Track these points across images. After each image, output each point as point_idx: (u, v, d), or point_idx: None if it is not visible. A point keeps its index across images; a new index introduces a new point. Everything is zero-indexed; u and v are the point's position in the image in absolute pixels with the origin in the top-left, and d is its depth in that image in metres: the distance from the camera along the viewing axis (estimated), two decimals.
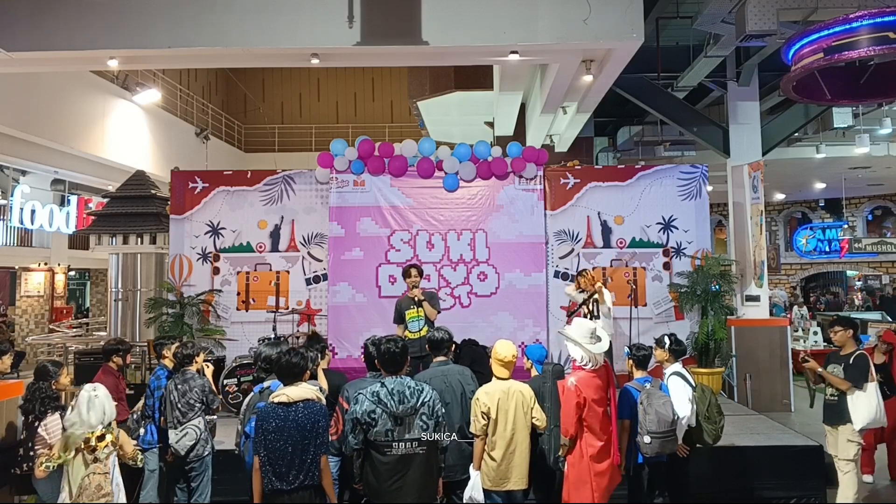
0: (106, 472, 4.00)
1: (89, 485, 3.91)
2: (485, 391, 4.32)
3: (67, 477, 3.96)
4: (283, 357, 3.87)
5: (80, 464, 3.93)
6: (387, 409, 3.71)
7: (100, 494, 3.93)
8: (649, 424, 4.60)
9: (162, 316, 8.40)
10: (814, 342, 12.55)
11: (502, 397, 4.28)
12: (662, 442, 4.61)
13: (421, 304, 6.55)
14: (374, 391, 3.78)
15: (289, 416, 3.69)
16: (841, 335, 5.44)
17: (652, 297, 8.58)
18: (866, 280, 20.35)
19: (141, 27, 7.07)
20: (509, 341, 4.54)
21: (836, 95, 6.58)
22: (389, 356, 3.94)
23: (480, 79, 10.95)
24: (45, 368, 4.89)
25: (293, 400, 3.73)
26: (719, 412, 4.95)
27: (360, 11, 7.03)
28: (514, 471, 4.28)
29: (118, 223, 9.25)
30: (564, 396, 4.32)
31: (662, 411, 4.62)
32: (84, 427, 3.95)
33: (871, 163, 14.43)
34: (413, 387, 3.82)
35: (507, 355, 4.36)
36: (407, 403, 3.74)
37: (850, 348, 5.39)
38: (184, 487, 5.05)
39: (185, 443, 4.92)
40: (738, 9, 6.87)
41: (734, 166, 9.51)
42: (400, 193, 8.63)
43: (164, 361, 5.54)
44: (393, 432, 3.70)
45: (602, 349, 4.34)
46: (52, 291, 16.19)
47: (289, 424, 3.67)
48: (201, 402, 4.99)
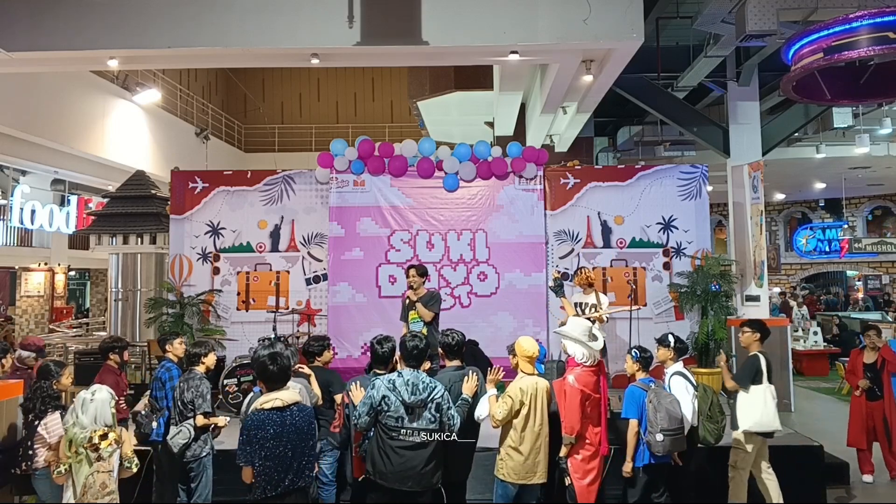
0: (110, 471, 4.00)
1: (94, 483, 3.92)
2: (519, 386, 4.42)
3: (72, 476, 3.97)
4: (271, 363, 3.72)
5: (84, 463, 3.93)
6: (399, 397, 3.93)
7: (104, 493, 3.94)
8: (661, 422, 4.62)
9: (162, 316, 8.40)
10: (814, 342, 12.57)
11: (534, 393, 4.42)
12: (673, 440, 4.64)
13: (414, 305, 6.54)
14: (391, 379, 4.02)
15: (285, 420, 3.64)
16: (747, 336, 5.43)
17: (652, 297, 8.58)
18: (867, 282, 20.37)
19: (141, 27, 7.07)
20: (529, 337, 4.71)
21: (836, 95, 6.57)
22: (417, 352, 4.12)
23: (480, 79, 10.95)
24: (48, 368, 4.90)
25: (287, 403, 3.70)
26: (721, 412, 4.99)
27: (360, 11, 7.03)
28: (539, 465, 4.43)
29: (118, 223, 9.26)
30: (567, 395, 4.40)
31: (672, 409, 4.67)
32: (79, 428, 3.96)
33: (871, 163, 14.44)
34: (427, 382, 4.03)
35: (533, 350, 4.55)
36: (419, 395, 3.96)
37: (756, 349, 5.37)
38: (185, 488, 5.04)
39: (177, 440, 4.89)
40: (738, 9, 6.87)
41: (734, 166, 9.51)
42: (400, 193, 8.63)
43: (168, 355, 5.51)
44: (403, 419, 3.93)
45: (600, 346, 4.55)
46: (52, 291, 16.19)
47: (287, 429, 3.63)
48: (191, 402, 4.94)
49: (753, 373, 5.24)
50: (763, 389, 5.19)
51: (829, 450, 6.39)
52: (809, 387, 11.00)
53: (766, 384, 5.23)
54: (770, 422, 5.18)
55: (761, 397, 5.17)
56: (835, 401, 9.84)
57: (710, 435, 4.92)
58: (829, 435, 7.09)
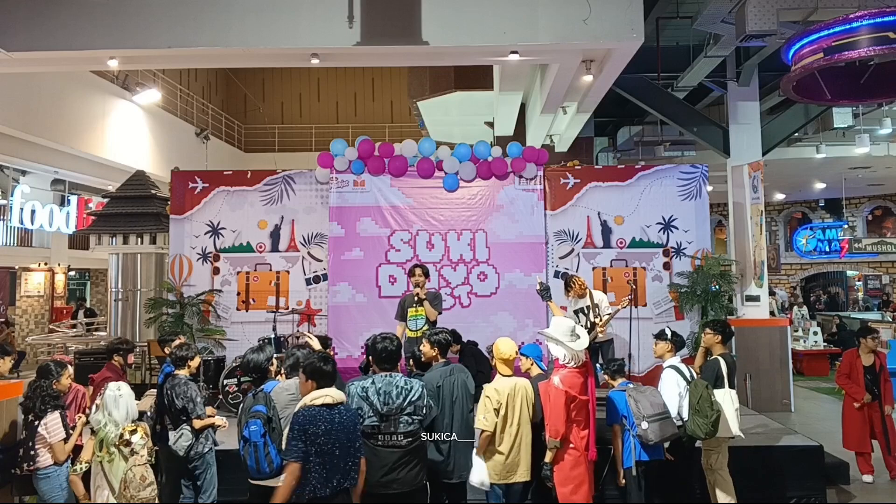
0: (145, 463, 4.04)
1: (134, 477, 3.95)
2: (494, 388, 4.39)
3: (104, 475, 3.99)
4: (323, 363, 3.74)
5: (119, 459, 3.96)
6: (373, 407, 3.85)
7: (145, 484, 3.98)
8: (644, 410, 4.66)
9: (162, 316, 8.41)
10: (814, 342, 12.57)
11: (511, 393, 4.38)
12: (662, 424, 4.64)
13: (422, 302, 6.57)
14: (363, 387, 3.91)
15: (334, 418, 3.57)
16: (708, 338, 5.41)
17: (652, 297, 8.58)
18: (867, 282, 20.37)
19: (141, 27, 7.07)
20: (508, 338, 4.64)
21: (836, 95, 6.58)
22: (387, 354, 4.03)
23: (480, 79, 10.95)
24: (48, 367, 4.91)
25: (336, 402, 3.63)
26: (711, 406, 4.82)
27: (360, 11, 7.03)
28: (521, 464, 4.40)
29: (118, 223, 9.26)
30: (552, 397, 4.32)
31: (653, 398, 4.72)
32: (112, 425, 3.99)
33: (871, 163, 14.43)
34: (402, 386, 3.93)
35: (509, 352, 4.48)
36: (392, 404, 3.88)
37: (718, 352, 5.33)
38: (189, 485, 5.04)
39: (181, 444, 4.90)
40: (738, 9, 6.87)
41: (734, 166, 9.51)
42: (400, 193, 8.63)
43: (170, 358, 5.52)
44: (378, 426, 3.86)
45: (582, 346, 4.39)
46: (52, 291, 16.19)
47: (335, 427, 3.55)
48: (183, 409, 4.93)
49: (713, 377, 5.14)
50: (722, 394, 5.06)
51: (829, 450, 6.39)
52: (809, 387, 11.00)
53: (726, 389, 5.13)
54: (727, 428, 5.04)
55: (719, 403, 5.00)
56: (835, 401, 9.82)
57: (700, 429, 4.78)
58: (829, 435, 7.10)
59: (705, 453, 5.23)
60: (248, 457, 3.99)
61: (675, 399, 4.90)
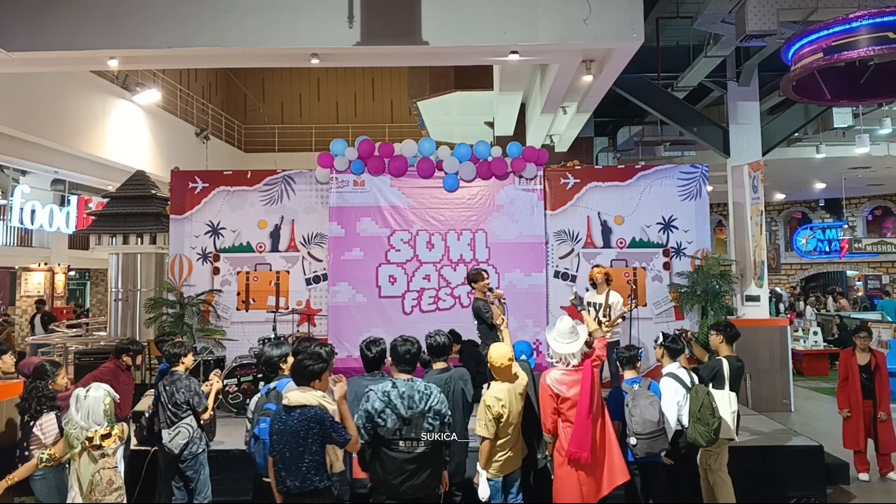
0: (115, 467, 4.02)
1: (100, 480, 3.92)
2: (495, 396, 4.31)
3: (76, 475, 3.97)
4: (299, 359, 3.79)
5: (88, 461, 3.94)
6: (396, 411, 3.81)
7: (112, 489, 3.95)
8: (635, 426, 4.66)
9: (162, 316, 8.40)
10: (814, 342, 12.57)
11: (511, 398, 4.36)
12: (650, 442, 4.64)
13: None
14: (385, 391, 3.87)
15: (287, 420, 3.64)
16: (713, 339, 5.43)
17: (652, 297, 8.58)
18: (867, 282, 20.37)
19: (141, 27, 7.07)
20: (501, 344, 4.56)
21: (836, 95, 6.58)
22: (410, 356, 4.02)
23: (480, 79, 10.95)
24: (44, 368, 4.89)
25: (292, 405, 3.67)
26: (713, 414, 4.79)
27: (360, 11, 7.03)
28: (516, 457, 4.47)
29: (118, 223, 9.26)
30: (541, 392, 4.42)
31: (647, 413, 4.66)
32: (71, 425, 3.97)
33: (871, 163, 14.44)
34: (422, 391, 3.91)
35: (500, 360, 4.34)
36: (416, 408, 3.85)
37: (724, 353, 5.33)
38: (181, 486, 5.03)
39: (177, 442, 4.90)
40: (738, 9, 6.87)
41: (734, 166, 9.51)
42: (400, 193, 8.63)
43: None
44: (401, 431, 3.82)
45: (573, 349, 4.33)
46: (52, 291, 16.19)
47: (286, 429, 3.62)
48: (186, 402, 4.95)
49: (711, 375, 5.13)
50: (720, 395, 5.03)
51: (829, 450, 6.40)
52: (809, 387, 10.99)
53: (726, 391, 5.10)
54: (726, 430, 5.02)
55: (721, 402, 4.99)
56: (835, 401, 9.79)
57: (702, 437, 4.77)
58: (829, 435, 7.10)
59: (704, 454, 5.22)
60: (258, 454, 4.00)
61: (674, 408, 4.87)
